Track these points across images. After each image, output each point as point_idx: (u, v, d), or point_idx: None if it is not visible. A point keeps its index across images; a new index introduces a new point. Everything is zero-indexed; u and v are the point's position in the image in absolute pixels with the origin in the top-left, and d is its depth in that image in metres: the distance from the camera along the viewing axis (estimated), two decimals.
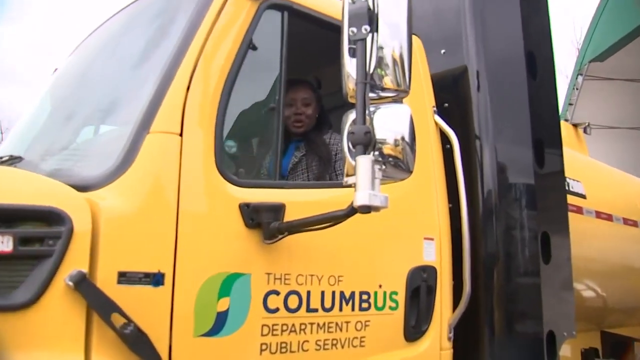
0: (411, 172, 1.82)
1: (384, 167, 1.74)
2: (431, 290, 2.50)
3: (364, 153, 1.70)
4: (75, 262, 1.61)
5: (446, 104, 3.06)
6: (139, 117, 1.85)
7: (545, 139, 3.06)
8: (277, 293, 2.01)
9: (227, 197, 1.94)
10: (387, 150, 1.76)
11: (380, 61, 1.81)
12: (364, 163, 1.64)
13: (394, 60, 1.83)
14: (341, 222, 1.84)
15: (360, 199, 1.62)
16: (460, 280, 2.64)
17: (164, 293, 1.75)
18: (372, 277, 2.32)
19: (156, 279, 1.74)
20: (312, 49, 3.36)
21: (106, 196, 1.74)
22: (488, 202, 2.89)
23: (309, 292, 2.10)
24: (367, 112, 1.74)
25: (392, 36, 1.83)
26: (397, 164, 1.77)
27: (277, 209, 1.97)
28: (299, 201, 2.12)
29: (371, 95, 1.83)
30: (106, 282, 1.65)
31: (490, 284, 2.84)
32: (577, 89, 9.47)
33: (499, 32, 3.12)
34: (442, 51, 3.14)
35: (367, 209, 1.64)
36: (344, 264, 2.23)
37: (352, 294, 2.23)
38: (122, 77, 2.23)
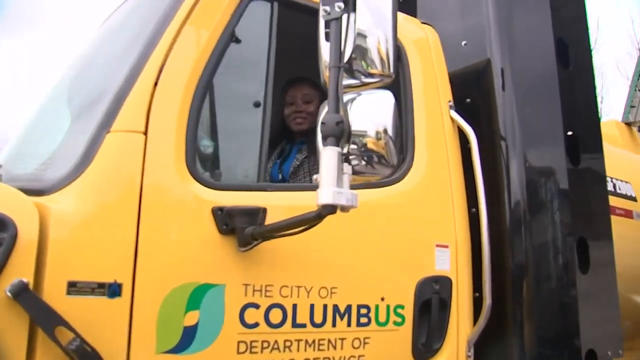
0: (393, 168, 1.59)
1: (362, 162, 1.54)
2: (445, 304, 2.24)
3: (337, 146, 1.50)
4: (18, 270, 1.47)
5: (468, 100, 2.81)
6: (101, 116, 1.72)
7: (581, 134, 2.73)
8: (257, 306, 1.82)
9: (199, 200, 1.77)
10: (365, 143, 1.55)
11: (359, 43, 1.61)
12: (328, 156, 1.44)
13: (376, 41, 1.63)
14: (313, 225, 1.63)
15: (323, 197, 1.42)
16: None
17: (121, 305, 1.60)
18: (373, 289, 2.09)
19: (112, 290, 1.59)
20: None
21: (60, 200, 1.61)
22: (515, 207, 2.60)
23: (295, 306, 1.89)
24: (340, 99, 1.54)
25: (372, 13, 1.63)
26: (377, 159, 1.55)
27: (253, 213, 1.78)
28: (284, 205, 1.92)
29: (352, 82, 1.64)
30: (54, 292, 1.51)
31: (519, 297, 2.55)
32: (639, 90, 8.81)
33: (525, 18, 2.84)
34: (463, 43, 2.89)
35: (330, 209, 1.43)
36: (338, 274, 2.01)
37: (348, 307, 2.01)
38: (96, 75, 2.13)
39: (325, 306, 1.96)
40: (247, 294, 1.80)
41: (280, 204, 1.91)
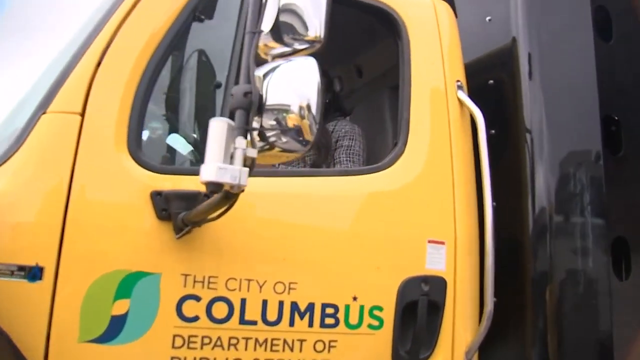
0: (308, 146, 1.40)
1: (274, 138, 1.36)
2: (436, 307, 1.98)
3: (245, 120, 1.34)
4: None
5: (491, 81, 2.52)
6: (41, 97, 1.69)
7: (623, 118, 2.32)
8: (197, 299, 1.69)
9: (137, 184, 1.69)
10: (278, 116, 1.37)
11: (287, 5, 1.45)
12: (215, 128, 1.28)
13: (307, 3, 1.45)
14: (224, 207, 1.47)
15: (204, 174, 1.26)
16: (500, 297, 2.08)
17: (42, 290, 1.54)
18: (342, 287, 1.88)
19: (33, 273, 1.54)
20: (349, 34, 3.03)
21: None
22: (539, 203, 2.28)
23: (243, 300, 1.74)
24: (251, 68, 1.38)
25: None
26: (290, 134, 1.37)
27: (191, 198, 1.66)
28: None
29: (283, 49, 1.47)
30: None
31: (541, 305, 2.23)
32: None
33: None
34: (488, 18, 2.60)
35: (214, 187, 1.27)
36: (299, 268, 1.83)
37: (310, 306, 1.82)
38: (47, 55, 2.10)
39: (281, 303, 1.79)
40: (187, 284, 1.69)
41: None
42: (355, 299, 1.88)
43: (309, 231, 1.87)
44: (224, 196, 1.37)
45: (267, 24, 1.45)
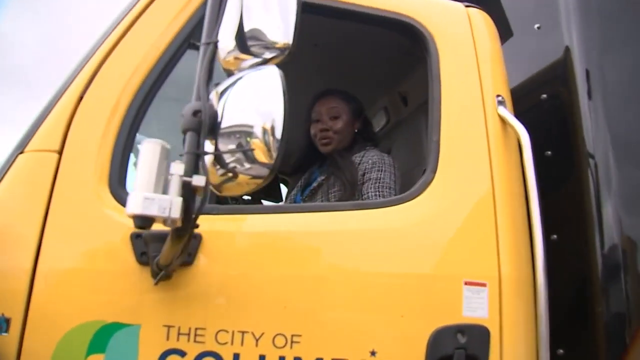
0: (272, 170, 1.17)
1: (234, 163, 1.16)
2: None
3: (195, 143, 1.15)
4: None
5: (544, 95, 2.19)
6: (21, 136, 1.61)
7: None
8: (182, 354, 1.48)
9: (116, 225, 1.53)
10: (237, 137, 1.17)
11: (249, 13, 1.26)
12: (145, 152, 1.09)
13: (275, 9, 1.27)
14: (179, 247, 1.26)
15: (130, 206, 1.07)
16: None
17: (7, 343, 1.41)
18: (357, 339, 1.59)
19: None
20: (389, 59, 2.83)
21: None
22: (609, 238, 1.90)
23: (236, 356, 1.51)
24: (203, 84, 1.19)
25: None
26: (249, 157, 1.16)
27: None
28: (228, 231, 1.59)
29: (251, 62, 1.29)
30: None
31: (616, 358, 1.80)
32: None
33: None
34: (536, 26, 2.29)
35: (142, 221, 1.07)
36: (304, 318, 1.58)
37: None
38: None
39: (282, 359, 1.53)
40: (170, 337, 1.48)
41: (223, 229, 1.59)
42: (373, 353, 1.58)
43: (316, 274, 1.62)
44: (174, 234, 1.17)
45: (228, 35, 1.28)
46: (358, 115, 2.38)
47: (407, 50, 2.42)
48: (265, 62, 1.27)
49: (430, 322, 1.63)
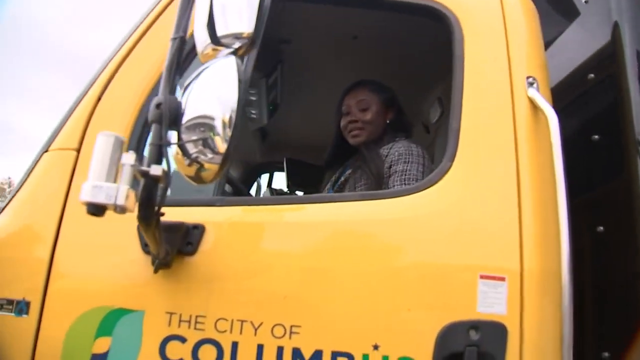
0: (225, 157, 1.18)
1: (197, 153, 1.18)
2: None
3: (158, 135, 1.19)
4: None
5: (591, 75, 2.02)
6: (48, 137, 1.75)
7: None
8: (183, 340, 1.53)
9: (126, 217, 1.61)
10: (200, 127, 1.20)
11: (217, 5, 1.29)
12: (100, 143, 1.14)
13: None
14: (149, 237, 1.30)
15: (81, 194, 1.12)
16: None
17: (27, 324, 1.54)
18: (360, 331, 1.55)
19: (19, 307, 1.55)
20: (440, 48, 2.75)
21: None
22: None
23: (235, 344, 1.53)
24: (168, 77, 1.23)
25: None
26: (208, 147, 1.18)
27: (171, 229, 1.53)
28: (230, 222, 1.62)
29: (224, 52, 1.32)
30: None
31: None
32: None
33: None
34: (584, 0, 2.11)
35: (93, 209, 1.12)
36: (303, 308, 1.56)
37: (317, 354, 1.53)
38: None
39: (280, 349, 1.53)
40: (172, 324, 1.54)
41: (225, 220, 1.62)
42: (376, 347, 1.53)
43: (317, 265, 1.60)
44: (139, 222, 1.22)
45: (199, 28, 1.31)
46: (390, 105, 2.32)
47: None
48: (235, 52, 1.29)
49: (440, 317, 1.55)
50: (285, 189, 3.62)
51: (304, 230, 1.64)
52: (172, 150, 1.24)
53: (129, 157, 1.13)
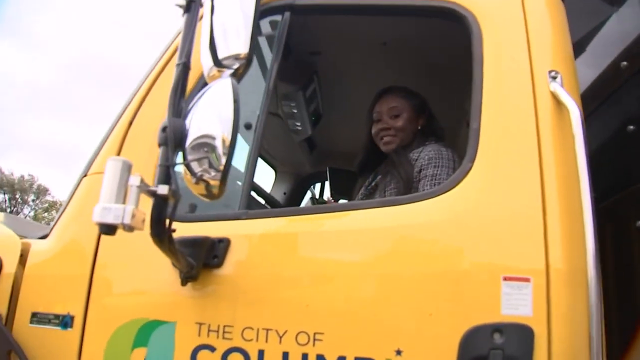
0: (223, 175, 1.24)
1: (201, 172, 1.26)
2: None
3: (165, 156, 1.28)
4: None
5: (624, 63, 1.95)
6: (87, 162, 1.89)
7: None
8: (212, 349, 1.61)
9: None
10: (203, 148, 1.27)
11: (220, 30, 1.37)
12: (109, 167, 1.23)
13: (236, 23, 1.35)
14: (166, 248, 1.38)
15: (94, 215, 1.21)
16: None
17: (71, 337, 1.67)
18: (382, 337, 1.57)
19: (64, 321, 1.68)
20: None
21: (47, 240, 1.82)
22: None
23: (261, 352, 1.59)
24: (175, 101, 1.31)
25: None
26: (201, 167, 1.25)
27: (196, 244, 1.62)
28: (254, 234, 1.69)
29: (226, 74, 1.39)
30: (21, 321, 1.71)
31: None
32: None
33: None
34: None
35: (105, 229, 1.20)
36: (326, 316, 1.60)
37: None
38: None
39: (305, 356, 1.57)
40: (201, 334, 1.62)
41: (249, 233, 1.69)
42: (399, 352, 1.54)
43: (338, 273, 1.63)
44: (152, 238, 1.31)
45: (204, 52, 1.38)
46: (421, 111, 2.31)
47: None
48: (235, 73, 1.35)
49: (463, 321, 1.54)
50: (330, 198, 3.67)
51: (324, 239, 1.68)
52: (182, 170, 1.33)
53: (136, 179, 1.22)
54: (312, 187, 4.22)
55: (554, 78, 1.75)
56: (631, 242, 1.79)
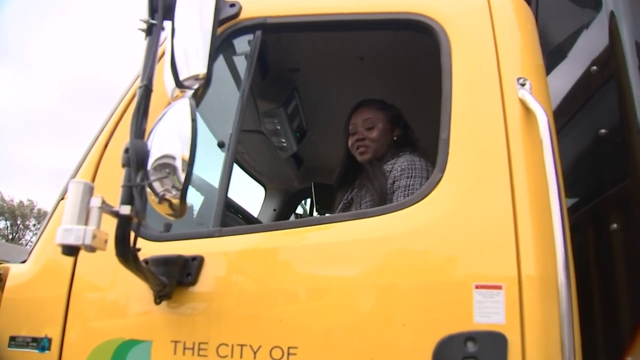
0: (182, 192, 1.26)
1: (163, 191, 1.28)
2: None
3: (127, 177, 1.30)
4: None
5: (594, 67, 1.97)
6: (63, 186, 1.91)
7: None
8: None
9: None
10: (165, 167, 1.29)
11: (180, 52, 1.39)
12: (71, 189, 1.25)
13: (194, 44, 1.38)
14: (133, 267, 1.39)
15: (56, 237, 1.23)
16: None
17: (49, 359, 1.68)
18: (356, 350, 1.57)
19: (42, 344, 1.69)
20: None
21: (27, 264, 1.84)
22: None
23: None
24: (137, 123, 1.33)
25: (192, 19, 1.40)
26: (172, 185, 1.27)
27: (171, 263, 1.63)
28: (226, 251, 1.70)
29: (188, 94, 1.41)
30: (1, 345, 1.72)
31: None
32: None
33: None
34: None
35: (67, 250, 1.22)
36: (300, 330, 1.60)
37: None
38: None
39: None
40: (177, 352, 1.62)
41: (222, 250, 1.70)
42: None
43: (311, 287, 1.64)
44: (118, 258, 1.32)
45: (167, 75, 1.41)
46: (396, 123, 2.34)
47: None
48: (196, 93, 1.37)
49: (436, 331, 1.54)
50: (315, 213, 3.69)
51: (295, 254, 1.69)
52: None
53: (97, 201, 1.23)
54: (303, 202, 4.24)
55: (523, 85, 1.77)
56: (611, 246, 1.80)
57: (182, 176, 1.24)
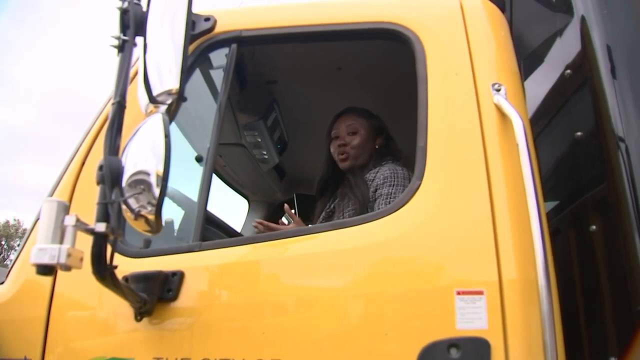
0: (157, 208, 1.25)
1: (139, 208, 1.27)
2: None
3: (102, 195, 1.28)
4: None
5: (568, 71, 1.99)
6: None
7: None
8: None
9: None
10: (139, 184, 1.28)
11: (152, 68, 1.39)
12: (44, 208, 1.23)
13: (167, 60, 1.37)
14: (111, 284, 1.38)
15: (30, 257, 1.21)
16: None
17: None
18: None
19: None
20: None
21: (2, 286, 1.81)
22: None
23: None
24: (111, 139, 1.32)
25: (165, 34, 1.39)
26: (147, 201, 1.26)
27: (151, 279, 1.61)
28: (207, 265, 1.69)
29: (161, 109, 1.41)
30: None
31: None
32: None
33: None
34: None
35: (42, 269, 1.20)
36: (282, 342, 1.59)
37: None
38: None
39: None
40: None
41: (202, 264, 1.69)
42: None
43: (292, 299, 1.63)
44: (94, 276, 1.31)
45: (140, 90, 1.40)
46: (379, 132, 2.35)
47: None
48: (169, 108, 1.37)
49: (419, 338, 1.54)
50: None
51: (275, 266, 1.68)
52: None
53: (71, 219, 1.22)
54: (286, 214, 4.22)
55: (498, 90, 1.79)
56: (591, 247, 1.82)
57: (157, 192, 1.23)
